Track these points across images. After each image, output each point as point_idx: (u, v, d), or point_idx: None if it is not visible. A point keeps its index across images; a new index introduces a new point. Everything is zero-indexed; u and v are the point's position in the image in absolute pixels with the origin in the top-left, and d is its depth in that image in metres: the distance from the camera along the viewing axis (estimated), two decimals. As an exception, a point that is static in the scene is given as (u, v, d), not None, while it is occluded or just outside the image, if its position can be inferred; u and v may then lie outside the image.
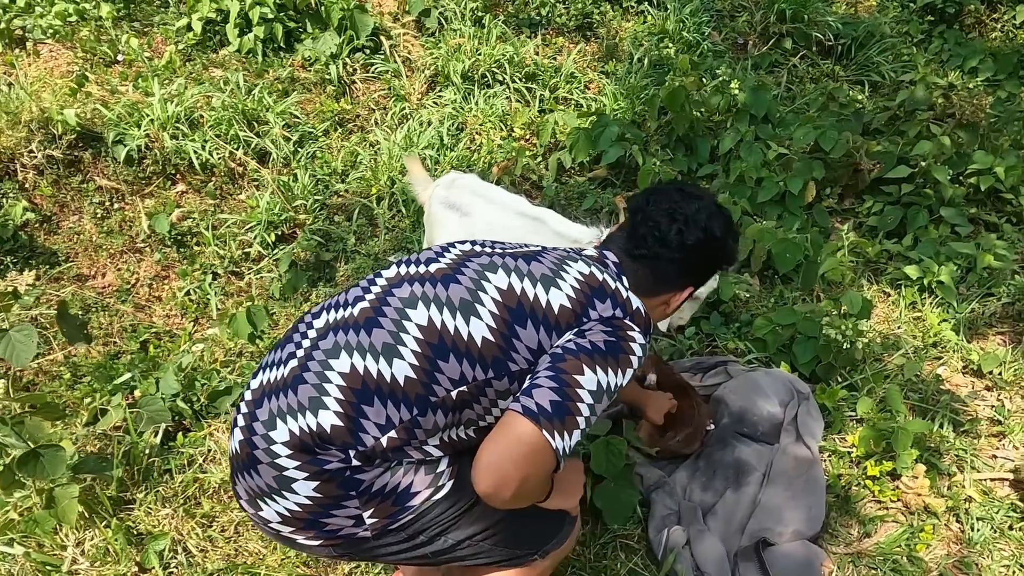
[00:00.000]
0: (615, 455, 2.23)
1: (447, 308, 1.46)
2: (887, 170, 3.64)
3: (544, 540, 1.67)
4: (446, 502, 1.53)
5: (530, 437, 1.31)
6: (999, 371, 2.74)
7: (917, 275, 3.09)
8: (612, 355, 1.42)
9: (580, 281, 1.52)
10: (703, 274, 1.69)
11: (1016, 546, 2.20)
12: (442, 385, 1.43)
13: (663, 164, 3.78)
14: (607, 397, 1.42)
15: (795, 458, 2.39)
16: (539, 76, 4.46)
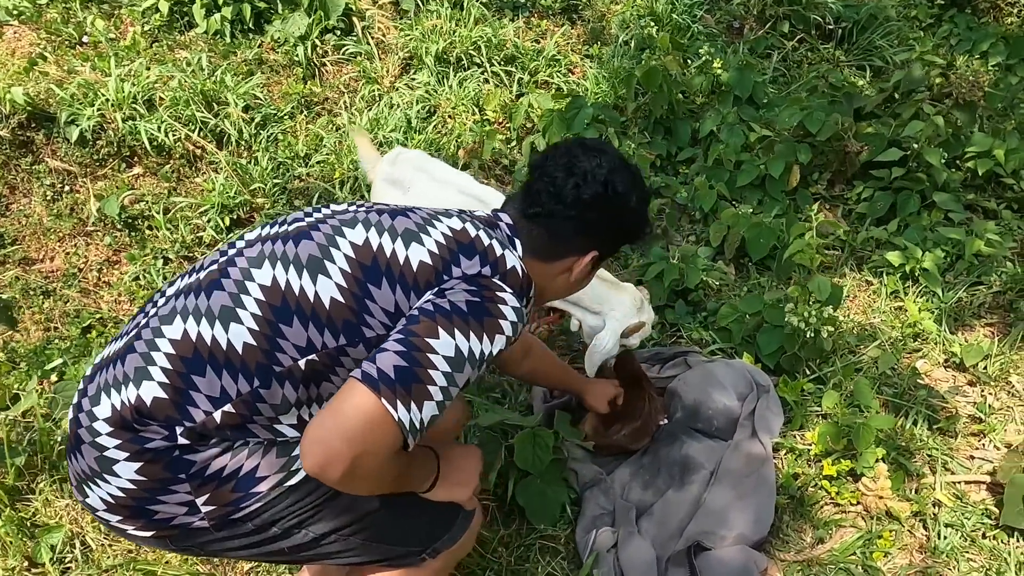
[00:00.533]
0: (542, 449, 2.04)
1: (293, 266, 1.28)
2: (877, 153, 3.41)
3: (432, 537, 1.48)
4: (302, 490, 1.34)
5: (366, 407, 1.13)
6: (984, 365, 2.50)
7: (899, 262, 2.85)
8: (475, 318, 1.24)
9: (447, 236, 1.34)
10: (607, 238, 1.48)
11: (988, 556, 1.97)
12: (287, 353, 1.25)
13: (639, 147, 3.59)
14: (471, 366, 1.23)
15: (747, 455, 2.18)
16: (519, 59, 4.28)
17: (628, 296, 2.34)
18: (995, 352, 2.52)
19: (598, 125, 3.77)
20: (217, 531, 1.32)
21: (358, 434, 1.13)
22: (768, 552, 2.02)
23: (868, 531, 2.02)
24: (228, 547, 1.36)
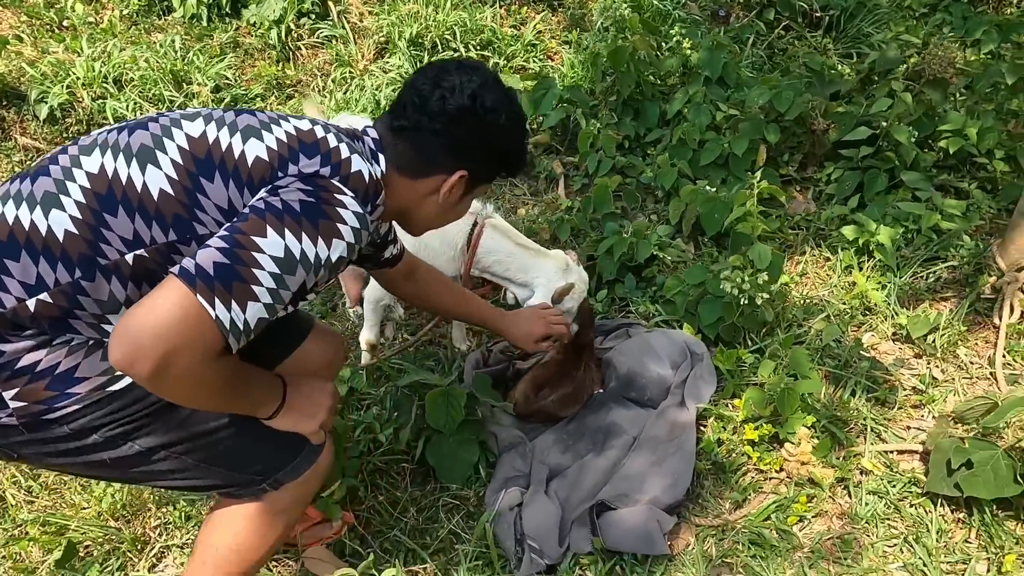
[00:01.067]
0: (454, 408, 2.01)
1: (123, 154, 1.22)
2: (846, 132, 3.33)
3: (273, 467, 1.42)
4: (126, 397, 1.26)
5: (180, 302, 1.08)
6: (932, 338, 2.42)
7: (854, 236, 2.78)
8: (309, 219, 1.18)
9: (289, 135, 1.27)
10: (476, 158, 1.43)
11: (910, 523, 1.89)
12: (112, 245, 1.19)
13: (606, 127, 3.55)
14: (305, 270, 1.18)
15: (671, 422, 2.13)
16: (495, 44, 4.28)
17: (552, 261, 2.30)
18: (943, 325, 2.44)
19: (565, 106, 3.75)
20: (29, 432, 1.24)
21: (170, 329, 1.07)
22: (684, 516, 1.96)
23: (786, 496, 1.95)
24: (45, 452, 1.29)
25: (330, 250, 1.21)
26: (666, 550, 1.81)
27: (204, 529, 1.50)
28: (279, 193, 1.20)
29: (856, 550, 1.84)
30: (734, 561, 1.82)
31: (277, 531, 1.48)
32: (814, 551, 1.84)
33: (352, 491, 2.05)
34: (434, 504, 2.03)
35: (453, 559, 1.87)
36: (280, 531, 1.49)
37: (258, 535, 1.46)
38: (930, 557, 1.81)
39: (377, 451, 2.14)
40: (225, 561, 1.47)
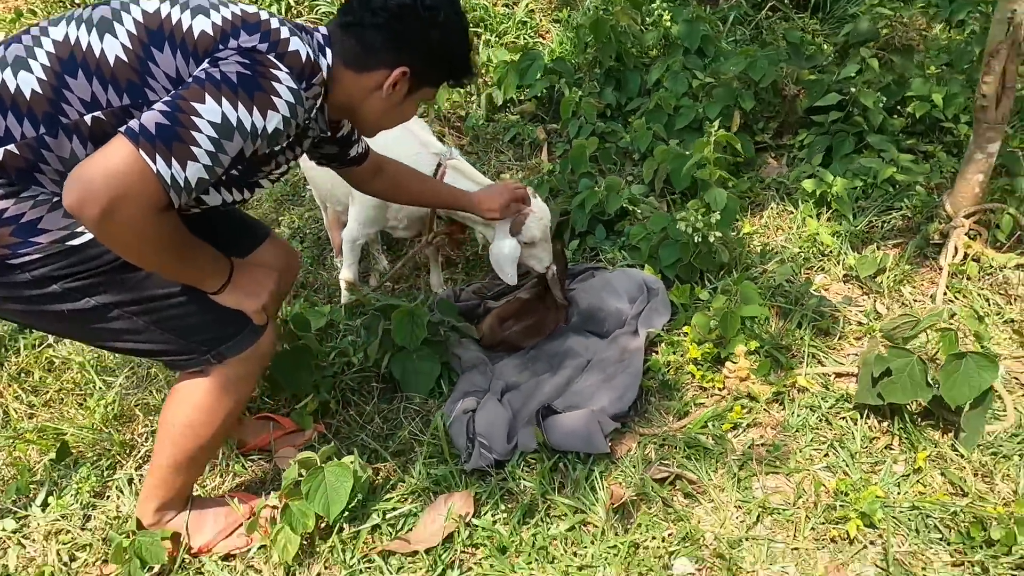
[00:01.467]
0: (418, 326, 2.17)
1: (85, 25, 1.36)
2: (817, 98, 3.47)
3: (217, 339, 1.58)
4: (84, 252, 1.40)
5: (125, 155, 1.22)
6: (881, 279, 2.55)
7: (813, 188, 2.91)
8: (245, 89, 1.30)
9: (235, 15, 1.39)
10: (417, 55, 1.53)
11: (837, 432, 2.03)
12: (73, 106, 1.33)
13: (588, 96, 3.71)
14: (242, 137, 1.31)
15: (622, 347, 2.28)
16: (487, 21, 4.45)
17: None
18: (890, 266, 2.57)
19: (550, 76, 3.91)
20: None
21: (115, 178, 1.20)
22: (629, 427, 2.11)
23: (724, 408, 2.10)
24: (6, 297, 1.42)
25: (265, 120, 1.33)
26: (605, 449, 1.96)
27: (164, 409, 1.69)
28: (219, 64, 1.32)
29: (784, 454, 1.98)
30: (671, 463, 1.96)
31: (225, 407, 1.65)
32: (744, 454, 1.98)
33: (324, 405, 2.22)
34: (398, 415, 2.19)
35: (412, 458, 2.04)
36: (228, 407, 1.66)
37: (207, 410, 1.63)
38: (852, 458, 1.95)
39: (350, 371, 2.31)
40: (181, 436, 1.65)
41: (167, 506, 1.77)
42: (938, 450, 1.94)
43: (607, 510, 1.81)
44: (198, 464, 1.74)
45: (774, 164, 3.60)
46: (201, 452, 1.69)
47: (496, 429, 1.98)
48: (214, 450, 1.76)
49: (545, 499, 1.87)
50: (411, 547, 1.77)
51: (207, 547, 1.82)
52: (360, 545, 1.79)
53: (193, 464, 1.71)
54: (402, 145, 2.42)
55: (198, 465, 1.75)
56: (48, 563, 1.83)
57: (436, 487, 1.94)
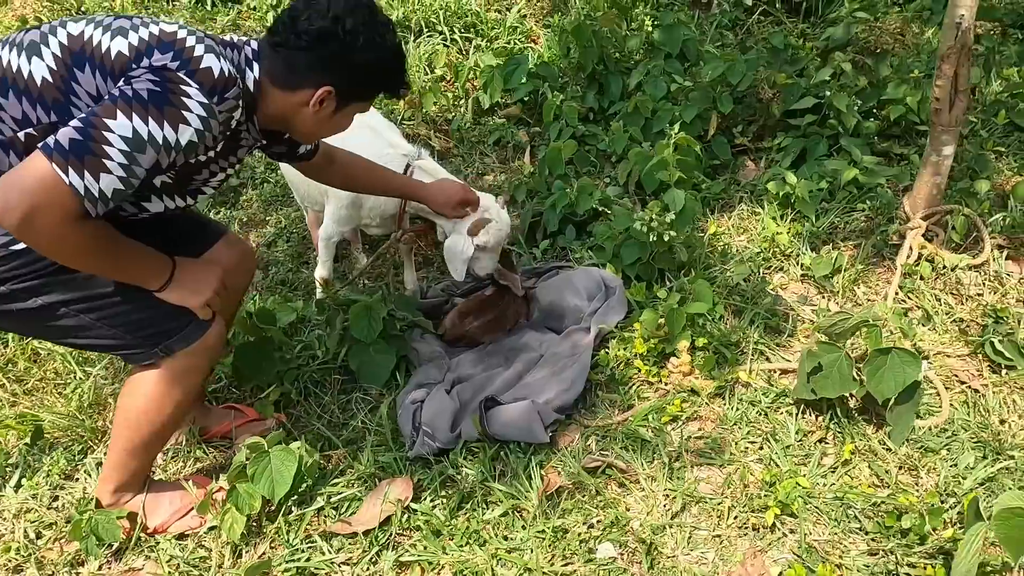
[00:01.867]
0: (375, 320, 2.26)
1: (16, 48, 1.47)
2: (793, 102, 3.52)
3: (164, 334, 1.68)
4: (29, 255, 1.51)
5: (39, 169, 1.32)
6: (837, 279, 2.60)
7: (776, 189, 2.97)
8: (155, 105, 1.39)
9: (152, 36, 1.47)
10: (342, 76, 1.60)
11: (773, 426, 2.09)
12: (7, 124, 1.45)
13: (570, 100, 3.79)
14: (155, 150, 1.40)
15: (574, 343, 2.36)
16: (479, 26, 4.55)
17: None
18: (845, 266, 2.61)
19: (535, 80, 3.99)
20: None
21: (30, 190, 1.32)
22: (574, 419, 2.19)
23: (666, 402, 2.16)
24: None
25: (177, 134, 1.42)
26: (545, 439, 2.04)
27: (119, 397, 1.80)
28: (131, 82, 1.41)
29: (720, 446, 2.04)
30: (609, 453, 2.04)
31: (175, 397, 1.76)
32: (681, 446, 2.05)
33: (286, 395, 2.32)
34: (355, 405, 2.29)
35: (362, 446, 2.13)
36: (178, 397, 1.76)
37: (158, 399, 1.74)
38: (785, 451, 2.01)
39: (314, 364, 2.41)
40: (136, 423, 1.76)
41: (124, 488, 1.88)
42: (868, 444, 1.99)
43: (540, 497, 1.89)
44: (151, 449, 1.85)
45: (752, 167, 3.65)
46: (154, 438, 1.80)
47: (440, 419, 2.07)
48: (166, 437, 1.87)
49: (484, 486, 1.95)
50: (351, 529, 1.86)
51: (162, 527, 1.93)
52: (304, 526, 1.88)
53: (146, 449, 1.82)
54: (371, 147, 2.52)
55: (151, 450, 1.86)
56: (15, 540, 1.95)
57: (382, 473, 2.03)
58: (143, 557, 1.90)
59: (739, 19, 4.85)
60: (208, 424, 2.21)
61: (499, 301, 2.60)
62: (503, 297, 2.61)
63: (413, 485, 1.96)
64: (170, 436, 1.90)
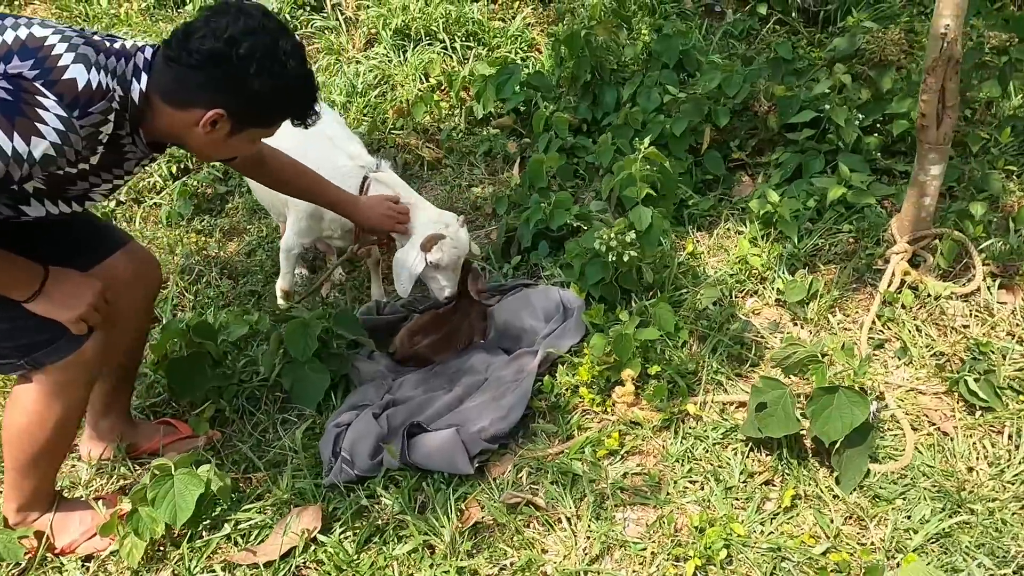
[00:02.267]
0: (311, 338, 2.18)
1: None
2: (790, 115, 3.35)
3: (32, 347, 1.62)
4: None
5: None
6: (812, 304, 2.43)
7: (758, 208, 2.81)
8: (5, 115, 1.31)
9: (18, 39, 1.39)
10: (232, 98, 1.52)
11: (718, 464, 1.94)
12: None
13: (561, 110, 3.68)
14: (2, 162, 1.32)
15: (519, 367, 2.25)
16: (479, 35, 4.47)
17: (431, 213, 2.42)
18: (822, 291, 2.44)
19: (528, 90, 3.89)
20: None
21: None
22: (511, 448, 2.07)
23: (604, 433, 2.03)
24: None
25: (29, 146, 1.33)
26: (469, 470, 1.93)
27: (3, 414, 1.74)
28: None
29: (658, 484, 1.90)
30: (538, 488, 1.92)
31: (55, 412, 1.69)
32: (615, 482, 1.91)
33: (220, 412, 2.25)
34: (289, 426, 2.21)
35: (284, 470, 2.04)
36: (58, 413, 1.70)
37: (37, 415, 1.68)
38: (726, 492, 1.86)
39: (254, 380, 2.34)
40: (17, 440, 1.71)
41: (27, 507, 1.83)
42: (817, 489, 1.83)
43: (454, 533, 1.78)
44: (41, 466, 1.79)
45: (748, 182, 3.49)
46: (40, 455, 1.75)
47: (361, 445, 1.97)
48: (56, 453, 1.81)
49: (398, 518, 1.85)
50: (254, 559, 1.78)
51: (70, 547, 1.87)
52: (209, 554, 1.81)
53: (35, 466, 1.77)
54: (327, 158, 2.44)
55: (42, 467, 1.80)
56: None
57: (298, 500, 1.94)
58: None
59: (752, 29, 4.68)
60: (136, 440, 2.16)
61: (451, 317, 2.50)
62: (455, 313, 2.51)
63: (326, 515, 1.87)
64: (62, 453, 1.84)
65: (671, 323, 2.33)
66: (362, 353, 2.42)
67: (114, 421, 2.10)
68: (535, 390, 2.18)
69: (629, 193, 2.63)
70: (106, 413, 2.09)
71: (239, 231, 3.53)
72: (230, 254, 3.32)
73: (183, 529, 1.83)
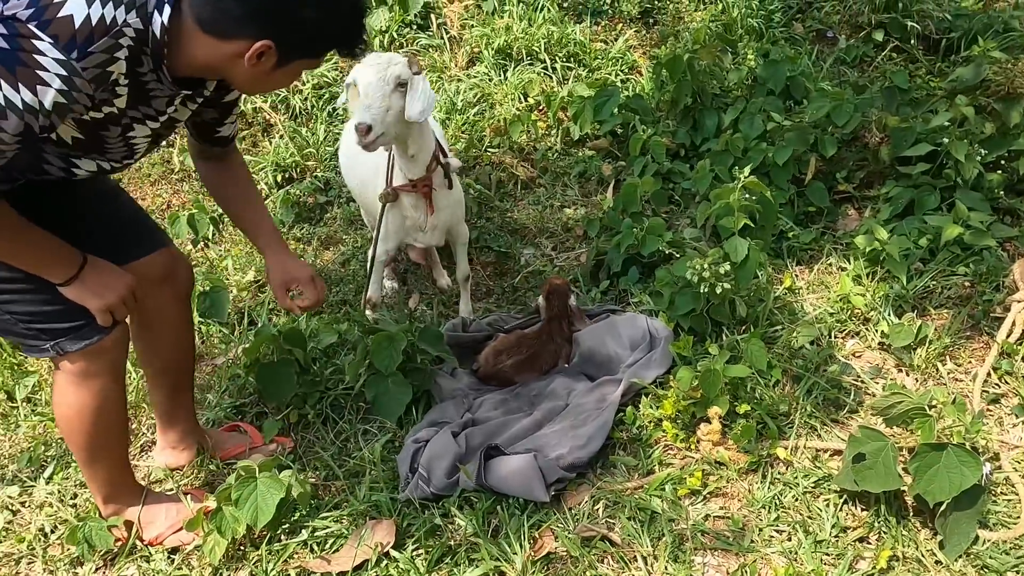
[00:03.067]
0: (395, 351, 2.20)
1: None
2: (905, 148, 3.19)
3: (58, 331, 1.62)
4: None
5: None
6: (920, 351, 2.28)
7: (864, 244, 2.66)
8: (5, 66, 1.21)
9: None
10: (280, 28, 1.40)
11: (808, 515, 1.83)
12: None
13: (659, 134, 3.62)
14: (16, 115, 1.25)
15: (601, 396, 2.20)
16: (581, 56, 4.47)
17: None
18: (932, 337, 2.29)
19: (626, 113, 3.85)
20: None
21: None
22: (588, 479, 2.02)
23: (686, 471, 1.95)
24: None
25: (38, 95, 1.25)
26: (544, 498, 1.89)
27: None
28: None
29: (741, 530, 1.81)
30: (616, 521, 1.86)
31: (85, 402, 1.70)
32: (696, 524, 1.83)
33: (302, 416, 2.30)
34: (368, 437, 2.23)
35: (362, 481, 2.06)
36: (88, 401, 1.71)
37: (67, 404, 1.71)
38: (815, 546, 1.75)
39: (337, 389, 2.38)
40: (68, 428, 1.76)
41: (112, 498, 1.89)
42: (917, 552, 1.70)
43: (526, 561, 1.74)
44: (100, 457, 1.81)
45: (855, 216, 3.33)
46: (93, 446, 1.78)
47: (438, 463, 1.97)
48: (107, 445, 1.81)
49: (471, 540, 1.83)
50: (327, 568, 1.79)
51: (158, 539, 1.94)
52: (285, 558, 1.83)
53: (94, 457, 1.80)
54: None
55: (101, 458, 1.82)
56: (29, 532, 2.02)
57: (375, 512, 1.95)
58: (135, 566, 1.91)
59: (866, 56, 4.49)
60: (222, 445, 2.22)
61: (536, 341, 2.48)
62: (541, 335, 2.49)
63: (400, 530, 1.87)
64: (115, 444, 1.85)
65: (763, 360, 2.23)
66: (445, 369, 2.43)
67: (182, 432, 2.14)
68: (616, 420, 2.13)
69: (726, 223, 2.55)
70: (170, 423, 2.13)
71: (336, 240, 3.62)
72: (325, 262, 3.41)
73: (263, 531, 1.86)
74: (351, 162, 2.75)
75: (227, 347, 2.72)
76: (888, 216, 2.97)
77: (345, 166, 2.87)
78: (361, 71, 2.14)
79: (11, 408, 2.51)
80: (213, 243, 3.46)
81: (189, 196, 3.90)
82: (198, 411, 2.35)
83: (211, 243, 3.46)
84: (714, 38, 3.98)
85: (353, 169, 2.76)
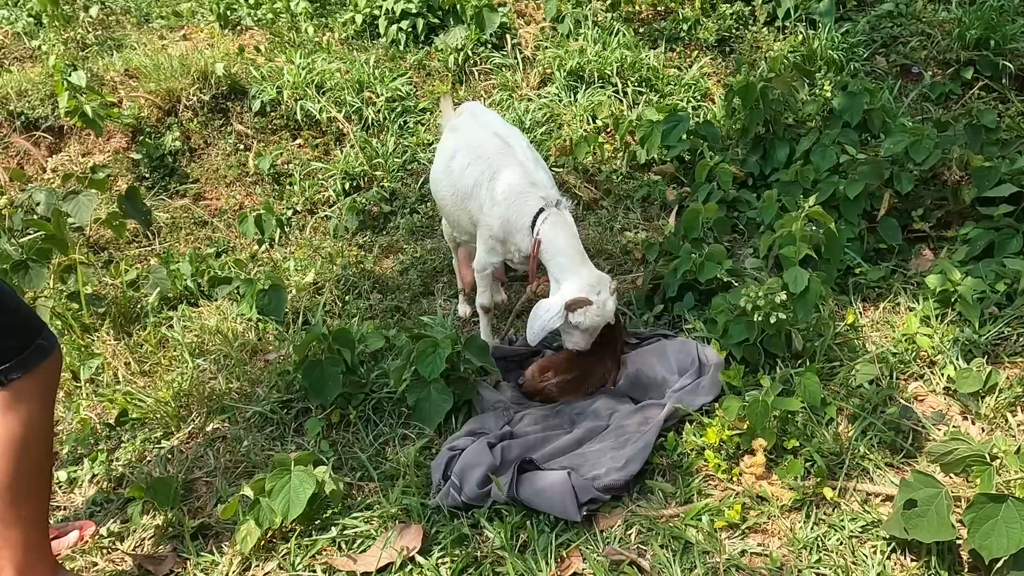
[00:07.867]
0: (439, 359, 2.21)
1: None
2: (988, 188, 3.05)
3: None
4: None
5: None
6: (989, 399, 2.16)
7: (935, 284, 2.54)
8: None
9: None
10: None
11: (855, 562, 1.73)
12: None
13: (726, 162, 3.56)
14: None
15: (644, 418, 2.15)
16: (653, 81, 4.45)
17: (587, 272, 2.30)
18: (1002, 385, 2.15)
19: (694, 139, 3.80)
20: None
21: None
22: (623, 502, 1.97)
23: (725, 503, 1.88)
24: None
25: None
26: (576, 517, 1.85)
27: None
28: None
29: (780, 570, 1.73)
30: (647, 548, 1.80)
31: (20, 419, 1.60)
32: (731, 559, 1.76)
33: (344, 416, 2.32)
34: (407, 442, 2.23)
35: (395, 483, 2.06)
36: (19, 422, 1.60)
37: (8, 425, 1.60)
38: (856, 594, 1.66)
39: (383, 391, 2.39)
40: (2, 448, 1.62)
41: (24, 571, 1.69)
42: (969, 610, 1.59)
43: (550, 580, 1.70)
44: (20, 500, 1.65)
45: (929, 256, 3.19)
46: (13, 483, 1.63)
47: (472, 472, 1.95)
48: (28, 484, 1.67)
49: (497, 553, 1.80)
50: (353, 567, 1.79)
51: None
52: (313, 553, 1.84)
53: (15, 498, 1.64)
54: (509, 178, 2.41)
55: (21, 501, 1.65)
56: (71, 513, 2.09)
57: (405, 516, 1.95)
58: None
59: (953, 93, 4.33)
60: None
61: (584, 362, 2.44)
62: (590, 357, 2.45)
63: (428, 536, 1.86)
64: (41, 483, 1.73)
65: (817, 396, 2.14)
66: (488, 381, 2.42)
67: None
68: (657, 445, 2.07)
69: (787, 252, 2.47)
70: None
71: (396, 249, 3.67)
72: (384, 269, 3.46)
73: (293, 524, 1.88)
74: (449, 179, 2.68)
75: (280, 344, 2.78)
76: (964, 257, 2.83)
77: (439, 181, 2.82)
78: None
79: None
80: (280, 245, 3.55)
81: (261, 198, 4.03)
82: (246, 405, 2.41)
83: (277, 245, 3.55)
84: (791, 68, 3.90)
85: (449, 186, 2.68)
